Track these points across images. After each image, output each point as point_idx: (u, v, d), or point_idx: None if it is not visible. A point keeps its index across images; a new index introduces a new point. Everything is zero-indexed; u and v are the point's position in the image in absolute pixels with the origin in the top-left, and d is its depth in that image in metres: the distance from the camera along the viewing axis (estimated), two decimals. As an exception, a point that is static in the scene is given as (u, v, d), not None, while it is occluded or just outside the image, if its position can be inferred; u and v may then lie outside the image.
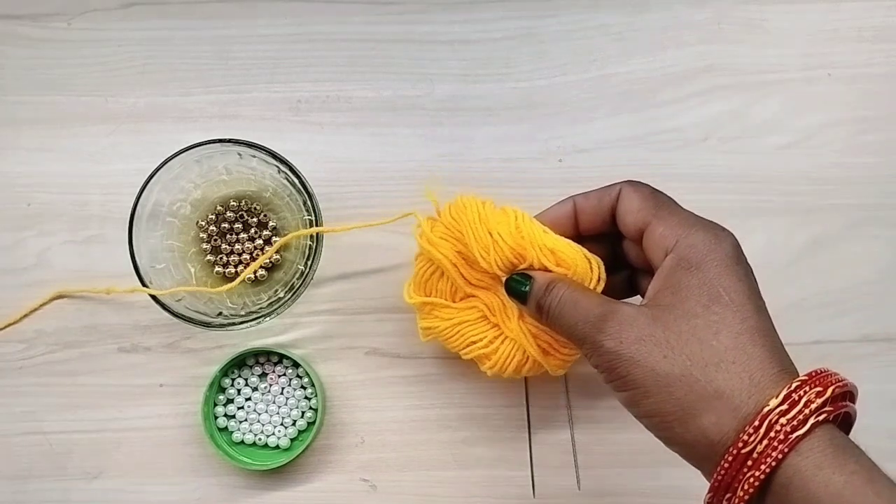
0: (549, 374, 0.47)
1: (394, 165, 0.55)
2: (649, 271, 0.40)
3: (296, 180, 0.49)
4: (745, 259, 0.38)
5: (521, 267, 0.44)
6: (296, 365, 0.53)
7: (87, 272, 0.54)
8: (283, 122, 0.55)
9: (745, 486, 0.33)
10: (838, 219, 0.55)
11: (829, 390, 0.34)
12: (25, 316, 0.53)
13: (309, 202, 0.50)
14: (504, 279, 0.44)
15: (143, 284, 0.48)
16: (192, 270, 0.53)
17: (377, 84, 0.56)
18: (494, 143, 0.55)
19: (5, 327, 0.52)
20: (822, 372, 0.35)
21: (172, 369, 0.54)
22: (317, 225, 0.49)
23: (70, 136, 0.55)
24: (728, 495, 0.35)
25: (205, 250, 0.53)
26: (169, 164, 0.49)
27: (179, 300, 0.50)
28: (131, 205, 0.49)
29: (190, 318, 0.48)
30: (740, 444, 0.33)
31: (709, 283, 0.36)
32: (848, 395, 0.36)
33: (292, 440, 0.53)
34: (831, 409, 0.34)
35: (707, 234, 0.38)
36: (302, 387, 0.54)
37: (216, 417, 0.53)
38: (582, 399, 0.53)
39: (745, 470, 0.33)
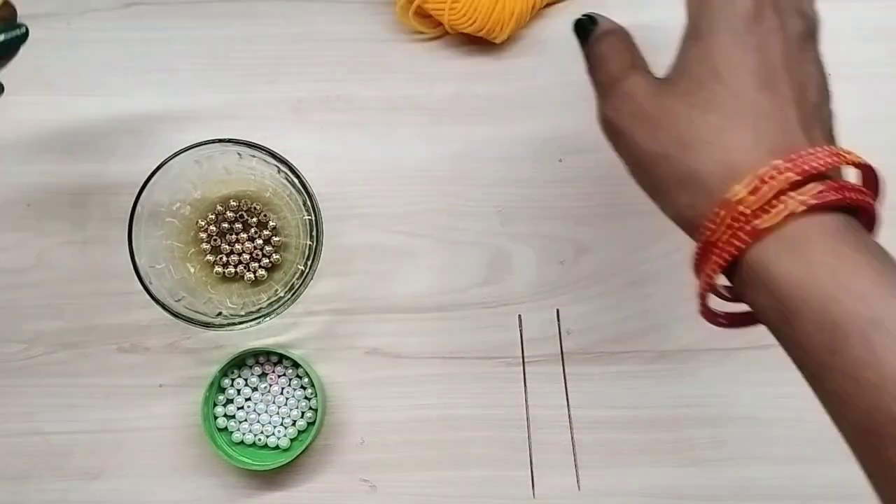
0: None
1: (394, 165, 0.55)
2: None
3: (296, 180, 0.49)
4: (770, 22, 0.33)
5: None
6: (296, 365, 0.53)
7: (86, 272, 0.54)
8: (283, 122, 0.55)
9: (707, 271, 0.32)
10: (838, 219, 0.55)
11: (813, 185, 0.30)
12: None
13: (309, 202, 0.50)
14: (574, 21, 0.41)
15: (143, 285, 0.48)
16: (192, 270, 0.53)
17: (377, 84, 0.56)
18: (494, 143, 0.55)
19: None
20: (808, 154, 0.31)
21: (172, 369, 0.54)
22: (316, 223, 0.49)
23: (70, 136, 0.55)
24: (702, 275, 0.33)
25: (204, 250, 0.53)
26: (169, 164, 0.49)
27: (179, 300, 0.50)
28: (131, 205, 0.49)
29: (190, 318, 0.48)
30: (707, 232, 0.31)
31: (711, 56, 0.33)
32: (855, 188, 0.32)
33: (292, 440, 0.53)
34: (816, 200, 0.30)
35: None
36: (302, 387, 0.54)
37: (216, 418, 0.53)
38: (582, 399, 0.53)
39: (711, 255, 0.31)
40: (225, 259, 0.53)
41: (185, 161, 0.49)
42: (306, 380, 0.53)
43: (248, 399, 0.53)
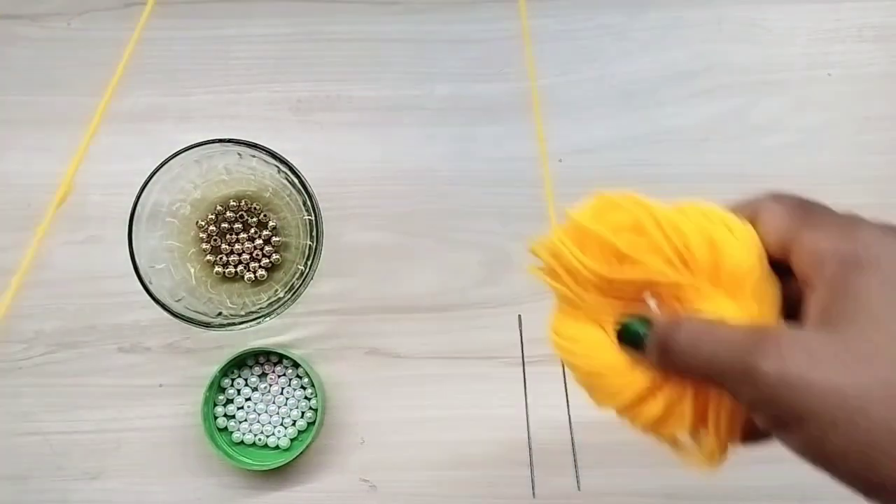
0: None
1: (394, 165, 0.55)
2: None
3: (295, 180, 0.49)
4: None
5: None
6: (296, 365, 0.53)
7: (86, 272, 0.54)
8: (283, 122, 0.55)
9: None
10: (838, 219, 0.55)
11: None
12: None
13: (309, 202, 0.50)
14: (617, 326, 0.33)
15: (143, 285, 0.48)
16: (192, 270, 0.53)
17: (377, 84, 0.56)
18: (494, 143, 0.55)
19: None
20: None
21: (172, 369, 0.54)
22: (316, 223, 0.49)
23: (70, 136, 0.55)
24: None
25: (204, 250, 0.53)
26: (169, 164, 0.49)
27: (179, 300, 0.50)
28: (131, 205, 0.49)
29: (190, 318, 0.48)
30: None
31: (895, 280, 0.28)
32: None
33: (292, 440, 0.53)
34: None
35: (875, 228, 0.29)
36: (302, 387, 0.54)
37: (216, 418, 0.53)
38: (582, 399, 0.53)
39: None
40: (225, 259, 0.53)
41: (185, 161, 0.49)
42: (306, 380, 0.53)
43: (248, 399, 0.53)
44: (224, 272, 0.53)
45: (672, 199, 0.49)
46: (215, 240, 0.53)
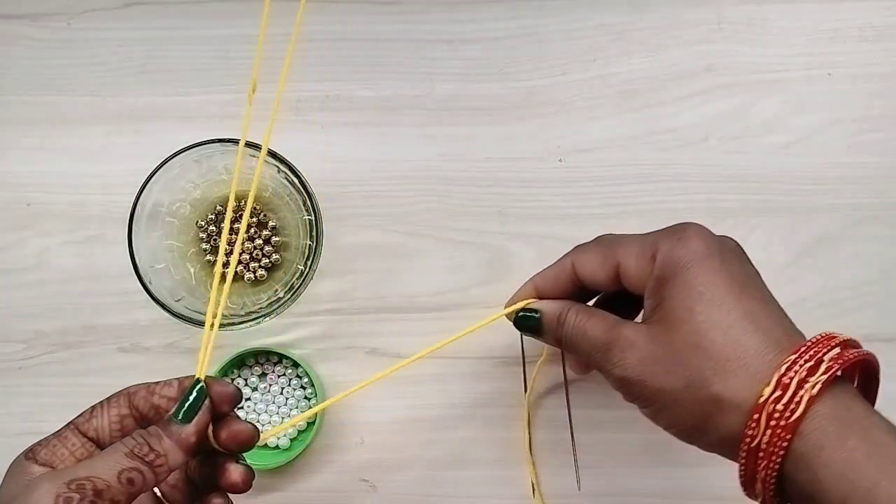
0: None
1: (394, 165, 0.55)
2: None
3: (295, 180, 0.49)
4: (720, 246, 0.38)
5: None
6: (295, 365, 0.53)
7: (86, 272, 0.54)
8: (283, 122, 0.55)
9: (766, 478, 0.34)
10: (838, 219, 0.55)
11: (823, 363, 0.34)
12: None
13: (309, 202, 0.50)
14: (513, 317, 0.45)
15: (143, 285, 0.48)
16: (192, 270, 0.53)
17: (377, 84, 0.56)
18: (494, 143, 0.55)
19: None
20: (815, 343, 0.35)
21: (172, 369, 0.54)
22: (316, 223, 0.49)
23: (69, 136, 0.55)
24: (757, 486, 0.35)
25: (204, 250, 0.53)
26: (169, 164, 0.49)
27: (179, 300, 0.50)
28: (131, 205, 0.49)
29: (189, 318, 0.48)
30: (748, 440, 0.34)
31: (687, 287, 0.37)
32: (855, 353, 0.35)
33: (292, 440, 0.53)
34: (826, 377, 0.34)
35: (670, 241, 0.39)
36: (302, 387, 0.54)
37: (216, 417, 0.53)
38: (582, 399, 0.53)
39: (759, 462, 0.34)
40: (225, 259, 0.53)
41: (185, 161, 0.49)
42: (306, 380, 0.53)
43: (247, 399, 0.53)
44: (224, 272, 0.53)
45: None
46: (215, 239, 0.53)
